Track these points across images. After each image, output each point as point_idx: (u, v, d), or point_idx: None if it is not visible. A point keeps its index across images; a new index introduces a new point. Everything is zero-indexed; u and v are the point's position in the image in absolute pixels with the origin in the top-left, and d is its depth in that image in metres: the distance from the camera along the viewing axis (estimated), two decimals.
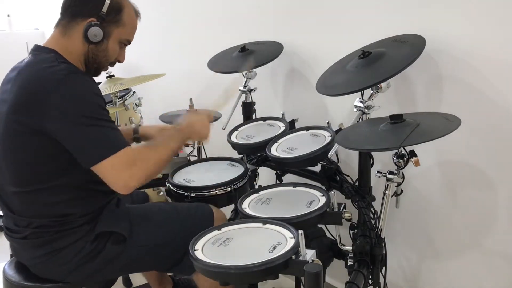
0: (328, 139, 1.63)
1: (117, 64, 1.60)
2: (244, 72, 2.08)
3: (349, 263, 1.47)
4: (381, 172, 1.44)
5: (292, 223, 1.30)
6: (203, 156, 2.34)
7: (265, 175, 2.07)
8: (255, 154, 1.97)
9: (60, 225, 1.42)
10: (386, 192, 1.43)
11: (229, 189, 1.68)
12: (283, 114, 1.97)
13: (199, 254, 1.21)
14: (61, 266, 1.45)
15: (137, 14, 1.56)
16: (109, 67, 1.58)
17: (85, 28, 1.43)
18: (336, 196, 1.43)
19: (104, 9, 1.44)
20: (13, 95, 1.37)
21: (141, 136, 1.81)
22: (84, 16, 1.44)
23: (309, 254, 1.15)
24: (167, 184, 1.78)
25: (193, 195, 1.68)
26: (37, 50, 1.46)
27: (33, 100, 1.33)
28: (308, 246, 1.16)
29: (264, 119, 2.04)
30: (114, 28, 1.48)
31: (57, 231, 1.43)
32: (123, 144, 1.36)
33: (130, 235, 1.49)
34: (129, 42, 1.57)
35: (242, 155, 1.97)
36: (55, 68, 1.36)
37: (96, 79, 1.58)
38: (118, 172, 1.34)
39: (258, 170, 1.96)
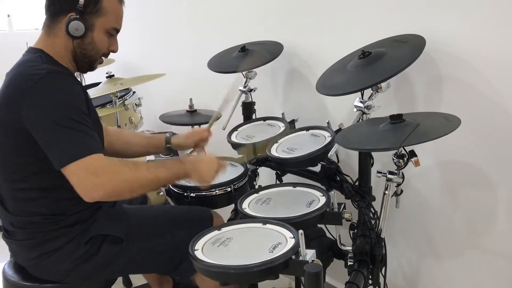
0: (328, 139, 1.63)
1: (117, 64, 1.60)
2: (244, 72, 2.08)
3: (349, 263, 1.47)
4: (381, 172, 1.44)
5: (292, 223, 1.30)
6: None
7: (265, 175, 2.07)
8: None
9: (52, 224, 1.42)
10: (386, 192, 1.43)
11: (229, 189, 1.68)
12: (283, 114, 1.97)
13: (199, 254, 1.21)
14: (57, 267, 1.45)
15: (120, 0, 1.52)
16: (103, 58, 1.55)
17: (65, 24, 1.41)
18: (336, 196, 1.43)
19: (81, 1, 1.41)
20: (1, 94, 1.38)
21: (175, 146, 1.80)
22: (64, 12, 1.42)
23: (309, 254, 1.15)
24: (167, 184, 1.78)
25: (193, 195, 1.68)
26: (28, 51, 1.46)
27: (13, 98, 1.33)
28: (308, 246, 1.16)
29: (264, 119, 2.04)
30: (95, 18, 1.44)
31: (49, 231, 1.42)
32: (92, 151, 1.30)
33: (126, 237, 1.48)
34: (117, 30, 1.52)
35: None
36: (35, 67, 1.35)
37: (96, 79, 1.58)
38: (82, 178, 1.28)
39: (258, 170, 1.95)
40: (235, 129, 2.00)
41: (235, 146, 1.88)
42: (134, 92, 2.68)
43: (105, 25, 1.46)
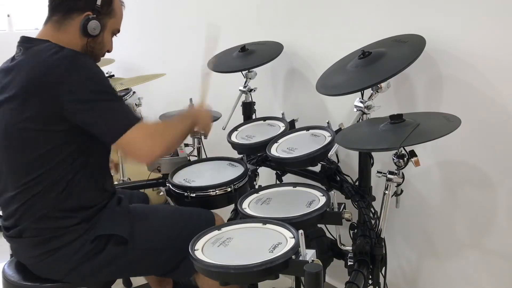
0: (328, 139, 1.63)
1: (117, 64, 1.61)
2: (244, 72, 2.09)
3: (349, 263, 1.47)
4: (381, 172, 1.44)
5: (292, 223, 1.30)
6: (203, 156, 2.34)
7: (265, 175, 2.07)
8: (255, 154, 1.97)
9: (57, 222, 1.42)
10: (386, 192, 1.43)
11: (229, 189, 1.67)
12: (283, 114, 1.97)
13: (199, 254, 1.21)
14: (60, 265, 1.45)
15: (121, 2, 1.58)
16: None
17: (83, 22, 1.44)
18: (336, 196, 1.43)
19: (99, 2, 1.45)
20: (19, 90, 1.37)
21: None
22: (80, 10, 1.44)
23: (309, 254, 1.15)
24: (167, 184, 1.78)
25: (193, 195, 1.67)
26: (28, 42, 1.45)
27: (46, 88, 1.34)
28: (308, 246, 1.16)
29: (264, 119, 2.04)
30: (108, 19, 1.50)
31: (54, 229, 1.43)
32: (138, 117, 1.43)
33: (131, 237, 1.48)
34: (119, 31, 1.59)
35: (242, 155, 1.97)
36: (60, 54, 1.37)
37: None
38: (142, 141, 1.40)
39: (258, 170, 1.95)
40: (235, 129, 2.00)
41: (235, 146, 1.88)
42: (134, 92, 2.68)
43: (113, 26, 1.54)
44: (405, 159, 1.36)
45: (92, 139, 1.40)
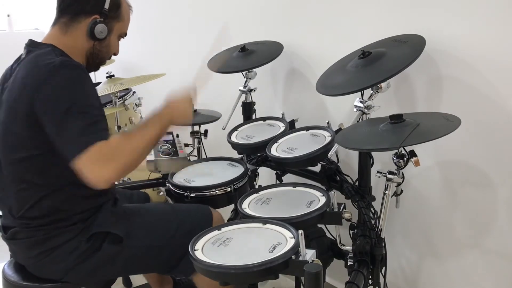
0: (328, 139, 1.63)
1: (117, 64, 1.61)
2: (244, 72, 2.09)
3: (349, 263, 1.47)
4: (381, 172, 1.44)
5: (292, 223, 1.30)
6: (203, 156, 2.35)
7: (265, 175, 2.07)
8: (255, 154, 1.97)
9: (53, 222, 1.42)
10: (386, 192, 1.43)
11: (229, 189, 1.68)
12: (283, 114, 1.97)
13: (199, 254, 1.21)
14: (57, 265, 1.45)
15: (129, 7, 1.59)
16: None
17: (90, 26, 1.46)
18: (336, 196, 1.43)
19: (106, 5, 1.46)
20: (12, 92, 1.38)
21: None
22: (88, 13, 1.46)
23: (309, 254, 1.15)
24: (167, 184, 1.78)
25: (193, 195, 1.68)
26: (33, 45, 1.46)
27: (27, 91, 1.34)
28: (308, 246, 1.16)
29: (264, 119, 2.04)
30: (115, 23, 1.52)
31: (50, 230, 1.43)
32: (98, 138, 1.27)
33: (127, 235, 1.48)
34: (125, 35, 1.60)
35: (242, 155, 1.97)
36: (50, 60, 1.36)
37: (96, 79, 1.59)
38: (89, 169, 1.26)
39: (258, 170, 1.95)
40: (235, 129, 2.00)
41: (235, 146, 1.88)
42: (134, 92, 2.68)
43: (120, 30, 1.55)
44: (405, 159, 1.36)
45: None
